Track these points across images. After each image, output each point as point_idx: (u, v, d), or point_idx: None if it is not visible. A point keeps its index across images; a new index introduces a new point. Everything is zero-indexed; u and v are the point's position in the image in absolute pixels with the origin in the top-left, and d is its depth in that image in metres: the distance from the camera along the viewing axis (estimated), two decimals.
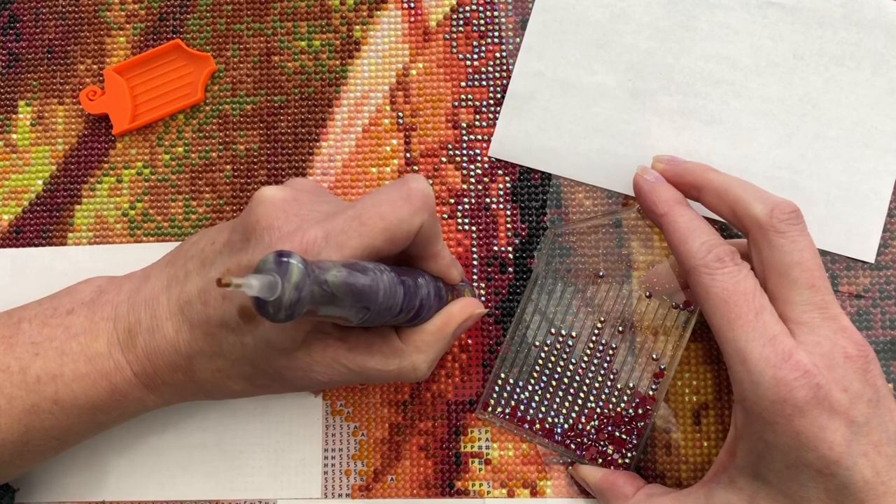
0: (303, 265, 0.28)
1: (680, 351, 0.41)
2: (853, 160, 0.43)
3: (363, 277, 0.32)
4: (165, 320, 0.37)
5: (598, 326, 0.42)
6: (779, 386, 0.34)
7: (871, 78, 0.43)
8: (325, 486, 0.43)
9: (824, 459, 0.34)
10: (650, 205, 0.39)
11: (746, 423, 0.36)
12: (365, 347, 0.36)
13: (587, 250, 0.43)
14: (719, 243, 0.37)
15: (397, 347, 0.37)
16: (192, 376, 0.37)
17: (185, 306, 0.36)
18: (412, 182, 0.35)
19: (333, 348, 0.36)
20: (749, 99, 0.44)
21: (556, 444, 0.42)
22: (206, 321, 0.35)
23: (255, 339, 0.35)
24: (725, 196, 0.38)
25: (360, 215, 0.34)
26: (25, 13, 0.47)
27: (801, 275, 0.36)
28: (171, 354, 0.37)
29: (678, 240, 0.38)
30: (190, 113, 0.46)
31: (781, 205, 0.37)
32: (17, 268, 0.45)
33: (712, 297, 0.36)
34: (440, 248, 0.37)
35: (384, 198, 0.35)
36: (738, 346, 0.35)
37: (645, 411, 0.41)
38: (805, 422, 0.34)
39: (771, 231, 0.36)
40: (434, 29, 0.46)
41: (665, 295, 0.42)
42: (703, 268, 0.36)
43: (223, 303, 0.35)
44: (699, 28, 0.44)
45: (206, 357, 0.36)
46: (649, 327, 0.42)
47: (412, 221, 0.34)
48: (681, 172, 0.40)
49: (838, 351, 0.35)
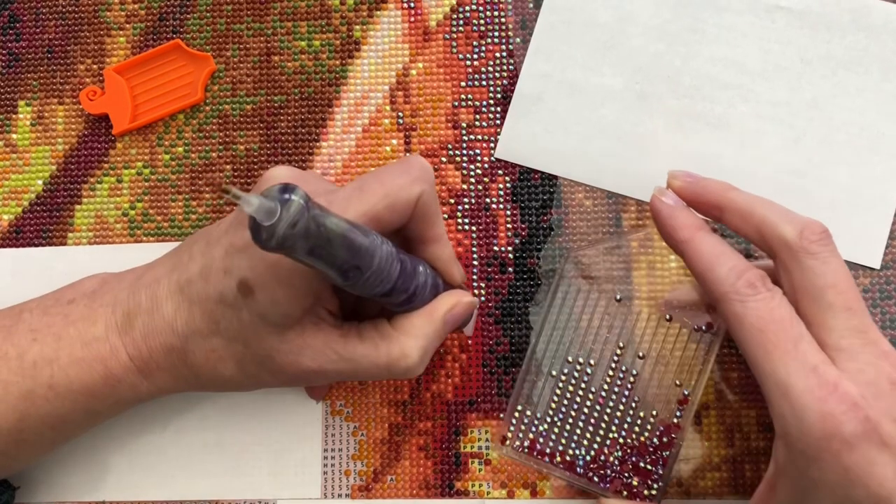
0: (304, 200, 0.29)
1: (705, 376, 0.40)
2: (860, 165, 0.42)
3: (362, 237, 0.32)
4: (165, 300, 0.37)
5: (617, 353, 0.41)
6: (825, 420, 0.32)
7: (879, 83, 0.43)
8: (324, 486, 0.43)
9: (874, 497, 0.32)
10: (670, 231, 0.37)
11: (790, 459, 0.33)
12: (357, 334, 0.37)
13: (604, 273, 0.42)
14: (748, 268, 0.35)
15: (386, 332, 0.37)
16: (186, 358, 0.37)
17: (185, 285, 0.36)
18: (411, 158, 0.37)
19: (326, 332, 0.36)
20: (756, 103, 0.43)
21: (579, 477, 0.40)
22: (205, 298, 0.36)
23: (251, 314, 0.35)
24: (751, 217, 0.36)
25: (360, 185, 0.35)
26: (25, 13, 0.47)
27: (837, 298, 0.34)
28: (168, 335, 0.37)
29: (704, 267, 0.35)
30: (190, 113, 0.46)
31: (811, 225, 0.35)
32: (17, 268, 0.45)
33: (746, 326, 0.34)
34: (441, 232, 0.38)
35: (383, 170, 0.36)
36: (778, 378, 0.33)
37: (670, 440, 0.40)
38: (854, 457, 0.32)
39: (802, 253, 0.34)
40: (434, 29, 0.46)
41: (686, 318, 0.40)
42: (733, 294, 0.34)
43: (223, 277, 0.35)
44: (707, 31, 0.44)
45: (202, 337, 0.36)
46: (671, 352, 0.40)
47: (411, 189, 0.35)
48: (700, 192, 0.38)
49: (883, 378, 0.33)
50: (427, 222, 0.37)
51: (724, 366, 0.42)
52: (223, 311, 0.35)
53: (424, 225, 0.37)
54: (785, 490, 0.34)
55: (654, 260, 0.42)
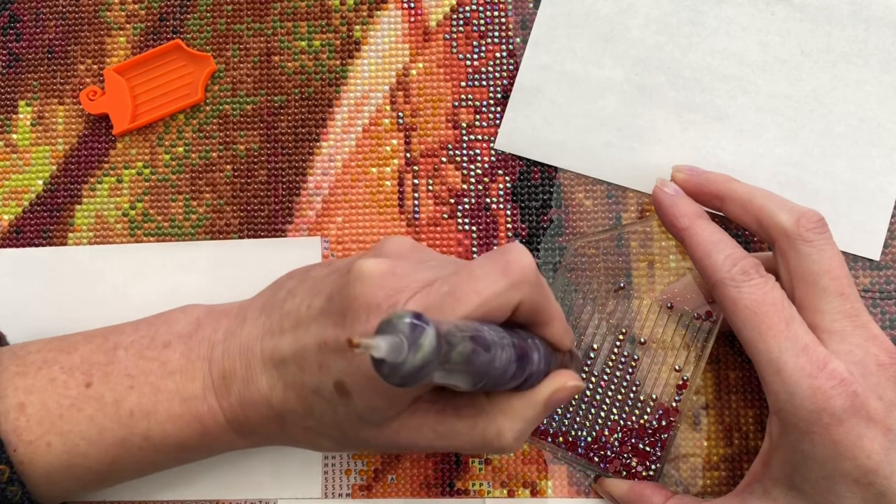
0: (435, 342, 0.25)
1: (703, 362, 0.41)
2: (859, 157, 0.42)
3: (485, 355, 0.29)
4: (260, 374, 0.36)
5: (619, 338, 0.42)
6: (816, 395, 0.34)
7: (879, 75, 0.43)
8: (325, 486, 0.43)
9: (862, 469, 0.33)
10: (671, 219, 0.39)
11: (782, 434, 0.35)
12: (453, 411, 0.34)
13: (607, 262, 0.42)
14: (743, 256, 0.37)
15: (483, 409, 0.34)
16: (283, 428, 0.36)
17: (279, 364, 0.35)
18: (511, 254, 0.32)
19: (423, 412, 0.34)
20: (756, 95, 0.43)
21: (580, 457, 0.41)
22: (300, 385, 0.34)
23: (347, 412, 0.34)
24: (750, 206, 0.38)
25: (454, 290, 0.31)
26: (25, 13, 0.47)
27: (831, 283, 0.36)
28: (264, 407, 0.36)
29: (702, 253, 0.37)
30: (190, 113, 0.46)
31: (808, 214, 0.37)
32: (17, 268, 0.45)
33: (741, 309, 0.36)
34: (551, 315, 0.34)
35: (479, 272, 0.32)
36: (770, 356, 0.35)
37: (668, 423, 0.41)
38: (843, 431, 0.33)
39: (798, 240, 0.36)
40: (434, 29, 0.46)
41: (687, 306, 0.41)
42: (729, 280, 0.36)
43: (319, 371, 0.34)
44: (707, 23, 0.44)
45: (298, 416, 0.35)
46: (671, 338, 0.41)
47: (509, 297, 0.31)
48: (702, 182, 0.40)
49: (871, 359, 0.35)
50: (534, 317, 0.34)
51: (724, 366, 0.42)
52: (318, 401, 0.34)
53: (530, 320, 0.34)
54: (778, 464, 0.36)
55: (655, 250, 0.42)
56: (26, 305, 0.44)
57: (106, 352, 0.37)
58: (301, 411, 0.35)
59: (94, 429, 0.36)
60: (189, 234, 0.45)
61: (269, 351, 0.35)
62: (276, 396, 0.35)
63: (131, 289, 0.44)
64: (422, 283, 0.32)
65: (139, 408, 0.36)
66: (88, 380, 0.37)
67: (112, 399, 0.36)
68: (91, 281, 0.45)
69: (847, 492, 0.34)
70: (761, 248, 0.42)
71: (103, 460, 0.37)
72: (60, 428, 0.36)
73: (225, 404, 0.36)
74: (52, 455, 0.36)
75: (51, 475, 0.36)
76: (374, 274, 0.32)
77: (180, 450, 0.37)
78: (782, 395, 0.34)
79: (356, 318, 0.32)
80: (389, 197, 0.45)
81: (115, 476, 0.38)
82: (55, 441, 0.36)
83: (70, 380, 0.37)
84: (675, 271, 0.42)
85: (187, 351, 0.37)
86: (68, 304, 0.44)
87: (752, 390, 0.42)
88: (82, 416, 0.36)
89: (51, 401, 0.36)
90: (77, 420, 0.36)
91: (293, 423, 0.36)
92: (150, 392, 0.36)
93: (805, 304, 0.36)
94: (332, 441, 0.36)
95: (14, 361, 0.37)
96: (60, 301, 0.44)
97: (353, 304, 0.32)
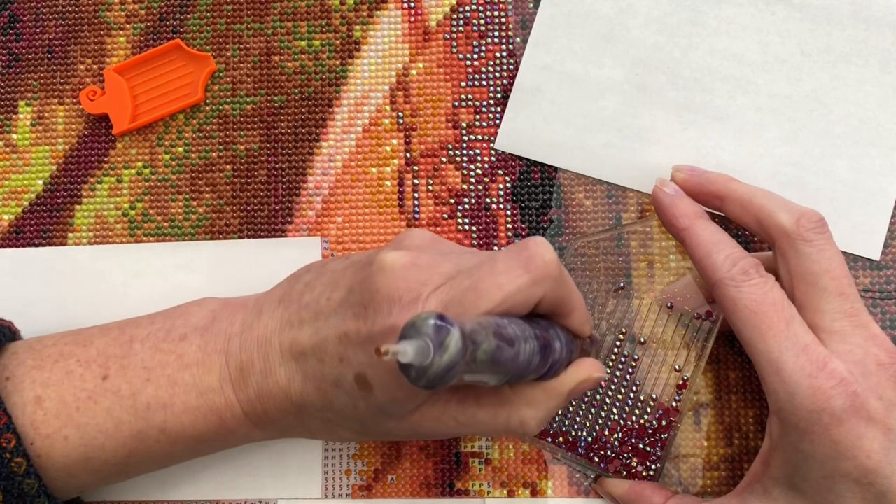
0: (461, 342, 0.25)
1: (703, 362, 0.41)
2: (859, 157, 0.42)
3: (509, 350, 0.29)
4: (278, 366, 0.36)
5: (619, 338, 0.41)
6: (816, 395, 0.34)
7: (879, 75, 0.43)
8: (325, 486, 0.43)
9: (862, 469, 0.33)
10: (671, 218, 0.39)
11: (782, 434, 0.35)
12: (475, 399, 0.34)
13: (607, 262, 0.42)
14: (743, 256, 0.37)
15: (506, 398, 0.34)
16: (301, 420, 0.36)
17: (298, 356, 0.35)
18: (532, 247, 0.32)
19: (444, 401, 0.34)
20: (756, 95, 0.43)
21: (580, 457, 0.41)
22: (320, 377, 0.34)
23: (368, 405, 0.34)
24: (750, 206, 0.38)
25: (476, 286, 0.31)
26: (25, 13, 0.47)
27: (831, 283, 0.36)
28: (283, 400, 0.36)
29: (702, 253, 0.37)
30: (190, 113, 0.46)
31: (808, 214, 0.37)
32: (17, 268, 0.45)
33: (740, 308, 0.36)
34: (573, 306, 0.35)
35: (502, 266, 0.32)
36: (770, 356, 0.35)
37: (668, 423, 0.41)
38: (843, 431, 0.33)
39: (798, 240, 0.36)
40: (434, 29, 0.46)
41: (687, 306, 0.41)
42: (728, 280, 0.36)
43: (339, 364, 0.34)
44: (707, 23, 0.44)
45: (317, 408, 0.35)
46: (671, 338, 0.41)
47: (531, 292, 0.32)
48: (703, 182, 0.40)
49: (871, 359, 0.35)
50: (556, 309, 0.34)
51: (724, 366, 0.42)
52: (339, 394, 0.34)
53: (552, 312, 0.34)
54: (778, 464, 0.36)
55: (655, 250, 0.42)
56: (26, 305, 0.44)
57: (122, 345, 0.37)
58: (320, 403, 0.35)
59: (110, 422, 0.36)
60: (189, 234, 0.45)
61: (287, 343, 0.35)
62: (294, 388, 0.35)
63: (131, 289, 0.44)
64: (444, 275, 0.33)
65: (156, 400, 0.36)
66: (105, 373, 0.37)
67: (129, 392, 0.36)
68: (91, 281, 0.45)
69: (847, 492, 0.34)
70: (761, 248, 0.42)
71: (120, 453, 0.37)
72: (77, 421, 0.36)
73: (242, 396, 0.36)
74: (69, 448, 0.36)
75: (68, 468, 0.36)
76: (397, 266, 0.33)
77: (197, 442, 0.37)
78: (782, 394, 0.34)
79: (378, 310, 0.32)
80: (389, 197, 0.45)
81: (132, 469, 0.38)
82: (72, 434, 0.36)
83: (86, 373, 0.37)
84: (675, 271, 0.42)
85: (204, 344, 0.37)
86: (68, 304, 0.44)
87: (752, 390, 0.42)
88: (99, 409, 0.36)
89: (67, 394, 0.36)
90: (94, 413, 0.36)
91: (311, 414, 0.36)
92: (166, 385, 0.36)
93: (805, 303, 0.36)
94: (351, 432, 0.36)
95: (30, 355, 0.37)
96: (60, 301, 0.44)
97: (376, 296, 0.32)
